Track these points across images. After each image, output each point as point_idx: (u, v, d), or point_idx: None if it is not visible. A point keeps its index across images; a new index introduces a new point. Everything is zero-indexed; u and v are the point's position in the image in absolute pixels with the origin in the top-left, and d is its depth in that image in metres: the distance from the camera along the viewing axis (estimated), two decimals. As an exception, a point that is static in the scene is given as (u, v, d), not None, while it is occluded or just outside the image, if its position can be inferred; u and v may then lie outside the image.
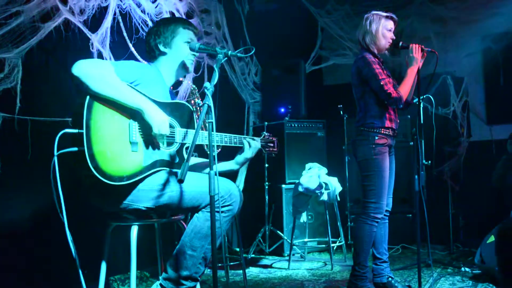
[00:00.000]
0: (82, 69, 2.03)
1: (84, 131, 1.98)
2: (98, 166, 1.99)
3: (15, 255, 2.60)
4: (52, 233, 2.74)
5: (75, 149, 2.00)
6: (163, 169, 2.25)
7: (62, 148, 1.99)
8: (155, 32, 2.46)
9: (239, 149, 2.55)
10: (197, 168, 2.59)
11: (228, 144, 2.50)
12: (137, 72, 2.27)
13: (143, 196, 2.18)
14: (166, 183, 2.20)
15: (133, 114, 2.16)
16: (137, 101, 2.13)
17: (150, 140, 2.21)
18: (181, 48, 2.44)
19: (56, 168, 1.98)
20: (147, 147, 2.20)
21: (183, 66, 2.48)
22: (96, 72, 2.05)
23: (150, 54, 2.48)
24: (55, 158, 1.98)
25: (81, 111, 2.00)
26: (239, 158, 2.54)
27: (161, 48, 2.44)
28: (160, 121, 2.16)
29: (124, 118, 2.14)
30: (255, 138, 2.60)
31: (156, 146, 2.23)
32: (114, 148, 2.07)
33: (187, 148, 2.36)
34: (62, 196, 1.98)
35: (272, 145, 2.70)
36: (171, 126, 2.27)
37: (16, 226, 2.63)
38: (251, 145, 2.53)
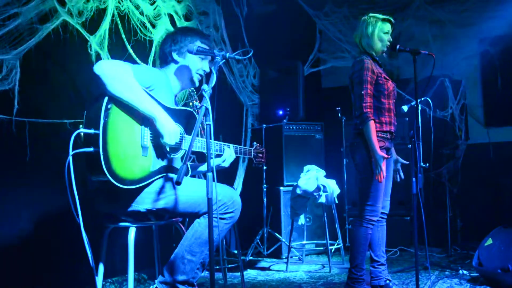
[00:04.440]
0: (104, 69, 2.02)
1: (100, 131, 1.97)
2: (112, 168, 1.98)
3: (13, 257, 2.59)
4: (51, 234, 2.75)
5: (91, 149, 1.98)
6: (167, 174, 2.25)
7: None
8: (172, 39, 2.44)
9: None
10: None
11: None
12: (153, 77, 2.27)
13: (145, 198, 2.18)
14: (167, 187, 2.21)
15: (145, 118, 2.16)
16: (152, 108, 2.12)
17: (159, 145, 2.22)
18: (194, 60, 2.43)
19: (71, 167, 1.96)
20: (156, 152, 2.20)
21: (191, 79, 2.49)
22: (117, 73, 2.04)
23: (162, 59, 2.48)
24: (70, 158, 1.96)
25: (99, 112, 1.99)
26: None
27: (174, 56, 2.43)
28: (171, 131, 2.16)
29: (137, 122, 2.14)
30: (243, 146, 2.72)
31: (163, 152, 2.24)
32: (127, 151, 2.07)
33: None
34: (77, 196, 1.95)
35: (261, 155, 2.80)
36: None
37: (14, 228, 2.62)
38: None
